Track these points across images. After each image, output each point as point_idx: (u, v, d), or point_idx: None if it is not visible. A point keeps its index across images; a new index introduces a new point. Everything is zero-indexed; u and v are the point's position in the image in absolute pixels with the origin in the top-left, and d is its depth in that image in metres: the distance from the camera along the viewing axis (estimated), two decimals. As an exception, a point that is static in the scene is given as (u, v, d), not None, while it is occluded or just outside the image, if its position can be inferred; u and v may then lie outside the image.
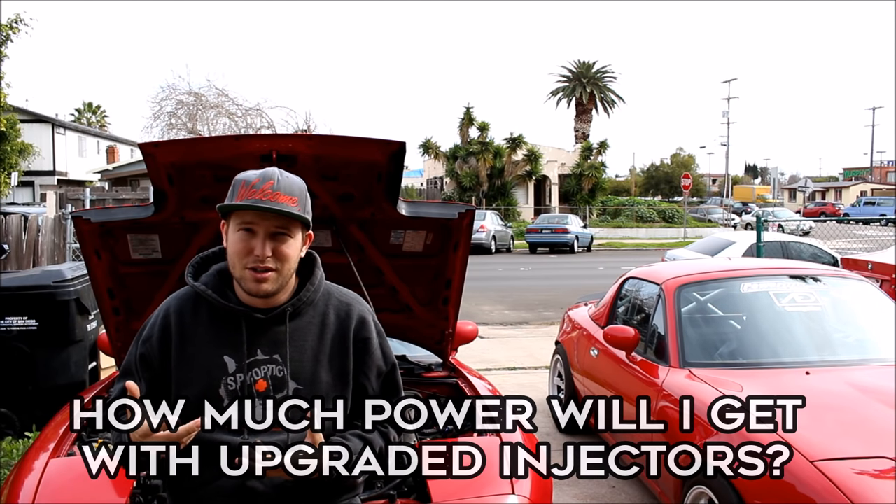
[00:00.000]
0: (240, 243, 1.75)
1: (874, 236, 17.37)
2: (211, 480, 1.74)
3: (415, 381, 3.61)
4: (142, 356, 1.83)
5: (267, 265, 1.74)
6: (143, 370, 1.82)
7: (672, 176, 66.85)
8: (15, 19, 18.02)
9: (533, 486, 2.52)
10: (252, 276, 1.74)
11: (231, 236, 1.77)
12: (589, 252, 27.11)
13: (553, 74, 46.82)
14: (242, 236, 1.74)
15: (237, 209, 1.74)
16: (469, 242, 3.08)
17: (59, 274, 4.94)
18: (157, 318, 1.85)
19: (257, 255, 1.73)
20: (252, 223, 1.74)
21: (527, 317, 11.59)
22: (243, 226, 1.75)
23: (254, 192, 1.73)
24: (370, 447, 1.82)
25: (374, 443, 1.83)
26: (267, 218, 1.74)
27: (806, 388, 3.37)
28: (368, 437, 1.84)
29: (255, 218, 1.74)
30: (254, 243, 1.74)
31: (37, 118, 34.82)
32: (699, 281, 4.38)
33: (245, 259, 1.74)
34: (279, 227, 1.75)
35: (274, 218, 1.74)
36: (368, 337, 1.90)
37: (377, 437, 1.85)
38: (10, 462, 4.01)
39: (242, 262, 1.74)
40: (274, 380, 1.80)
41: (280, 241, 1.75)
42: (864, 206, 46.33)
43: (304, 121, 23.95)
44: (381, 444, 1.85)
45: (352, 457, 1.74)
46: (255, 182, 1.74)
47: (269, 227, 1.74)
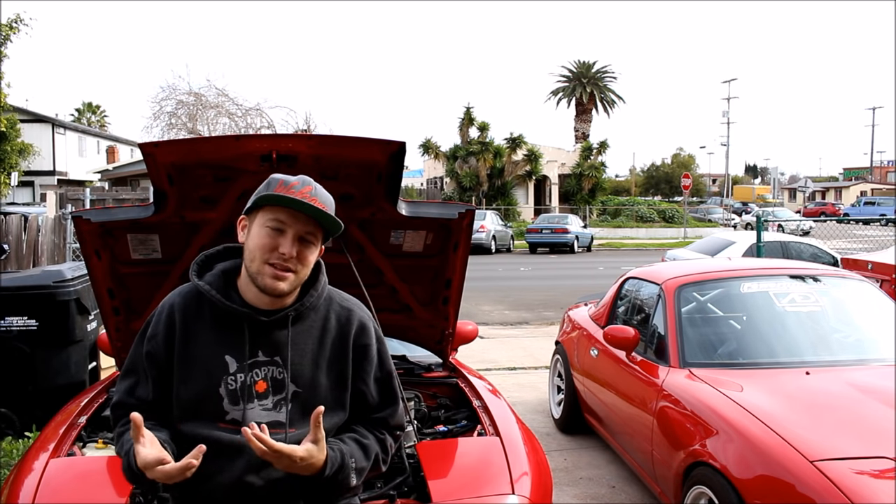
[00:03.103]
0: (266, 238, 1.74)
1: (874, 236, 17.37)
2: (210, 477, 1.75)
3: (415, 381, 3.61)
4: (148, 353, 1.83)
5: (288, 265, 1.74)
6: (150, 367, 1.82)
7: (672, 176, 66.83)
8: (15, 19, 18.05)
9: (533, 486, 2.52)
10: (272, 273, 1.74)
11: (256, 230, 1.76)
12: (589, 252, 27.12)
13: (553, 74, 46.97)
14: (270, 233, 1.74)
15: (280, 203, 1.74)
16: (469, 242, 3.08)
17: (59, 274, 4.94)
18: (162, 315, 1.84)
19: (283, 252, 1.73)
20: (284, 222, 1.74)
21: (527, 317, 11.59)
22: (273, 223, 1.75)
23: (293, 192, 1.74)
24: (364, 452, 1.86)
25: (369, 449, 1.87)
26: (299, 221, 1.74)
27: (806, 388, 3.37)
28: (365, 441, 1.88)
29: (287, 218, 1.74)
30: (281, 241, 1.74)
31: (37, 118, 34.83)
32: (699, 281, 4.38)
33: (268, 254, 1.74)
34: (308, 232, 1.76)
35: (305, 222, 1.75)
36: (368, 343, 1.91)
37: (374, 442, 1.90)
38: (10, 462, 4.01)
39: (265, 256, 1.74)
40: (274, 381, 1.80)
41: (305, 246, 1.77)
42: (864, 206, 46.35)
43: (304, 121, 23.97)
44: (377, 451, 1.90)
45: (345, 460, 1.78)
46: (294, 184, 1.76)
47: (300, 230, 1.75)
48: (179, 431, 1.80)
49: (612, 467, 4.67)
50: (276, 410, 1.80)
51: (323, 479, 1.75)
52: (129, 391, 1.85)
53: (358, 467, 1.83)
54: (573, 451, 5.02)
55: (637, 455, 3.98)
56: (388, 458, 1.95)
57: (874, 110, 76.96)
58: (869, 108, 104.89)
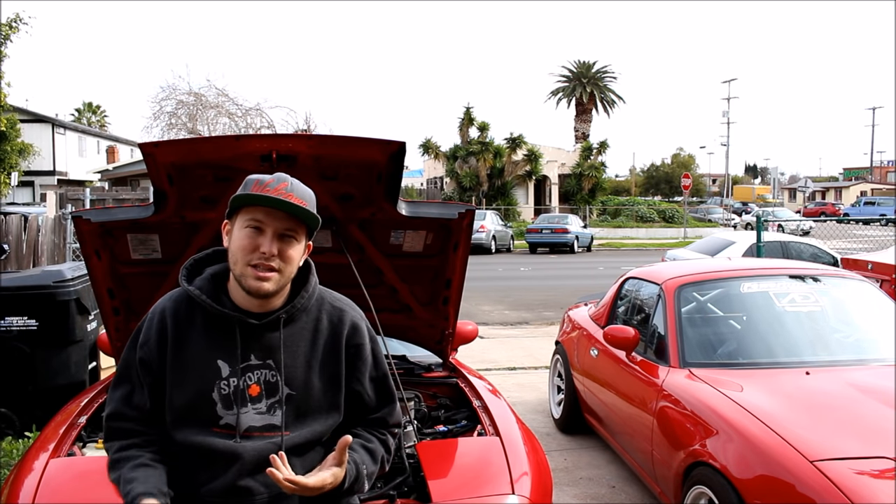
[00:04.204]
0: (246, 239, 1.73)
1: (874, 236, 17.37)
2: (205, 483, 1.75)
3: (415, 381, 3.61)
4: (142, 361, 1.81)
5: (271, 264, 1.73)
6: (145, 374, 1.81)
7: (672, 176, 66.82)
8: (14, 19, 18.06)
9: (533, 486, 2.51)
10: (254, 274, 1.72)
11: (237, 233, 1.75)
12: (589, 252, 27.11)
13: (553, 74, 46.95)
14: (249, 233, 1.73)
15: (254, 202, 1.73)
16: (469, 242, 3.08)
17: (59, 274, 4.94)
18: (153, 322, 1.83)
19: (263, 251, 1.71)
20: (261, 221, 1.73)
21: (527, 317, 11.59)
22: (252, 223, 1.73)
23: (268, 190, 1.73)
24: (372, 456, 1.88)
25: (375, 452, 1.89)
26: (277, 218, 1.73)
27: (806, 388, 3.37)
28: (370, 446, 1.89)
29: (265, 217, 1.73)
30: (261, 240, 1.72)
31: (37, 118, 34.83)
32: (699, 281, 4.38)
33: (249, 255, 1.72)
34: (288, 228, 1.75)
35: (283, 219, 1.74)
36: (361, 343, 1.90)
37: (378, 444, 1.92)
38: (10, 462, 4.01)
39: (246, 258, 1.73)
40: (267, 385, 1.79)
41: (286, 243, 1.75)
42: (864, 206, 46.35)
43: (304, 121, 23.96)
44: (382, 453, 1.92)
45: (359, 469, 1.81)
46: (269, 182, 1.75)
47: (279, 227, 1.74)
48: (172, 438, 1.79)
49: (612, 467, 4.67)
50: (271, 414, 1.79)
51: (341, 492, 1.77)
52: (125, 400, 1.83)
53: (368, 472, 1.85)
54: (573, 451, 5.02)
55: (637, 455, 3.98)
56: (390, 457, 1.96)
57: (874, 110, 77.07)
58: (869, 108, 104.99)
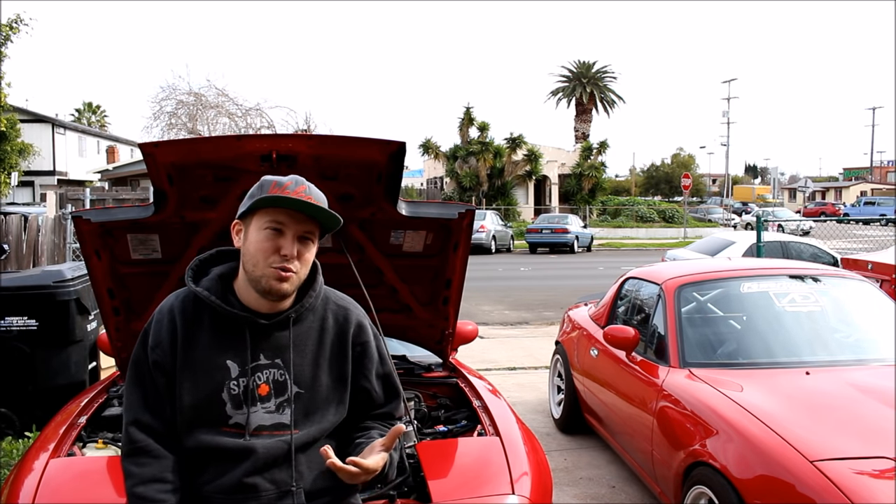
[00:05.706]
0: (267, 241, 1.73)
1: (874, 236, 17.37)
2: (213, 481, 1.76)
3: (415, 381, 3.61)
4: (156, 363, 1.80)
5: (291, 266, 1.74)
6: (159, 376, 1.80)
7: (672, 176, 66.80)
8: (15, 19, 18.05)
9: (533, 486, 2.51)
10: (276, 275, 1.73)
11: (255, 234, 1.75)
12: (589, 252, 27.12)
13: (553, 74, 46.99)
14: (270, 235, 1.73)
15: (279, 203, 1.72)
16: (469, 242, 3.08)
17: (59, 274, 4.93)
18: (163, 322, 1.82)
19: (285, 254, 1.72)
20: (283, 223, 1.73)
21: (527, 317, 11.59)
22: (273, 224, 1.73)
23: (287, 192, 1.73)
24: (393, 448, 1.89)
25: None
26: (298, 221, 1.74)
27: (806, 388, 3.37)
28: None
29: (287, 219, 1.73)
30: (282, 242, 1.73)
31: (37, 118, 34.83)
32: (699, 281, 4.38)
33: (271, 258, 1.73)
34: (307, 231, 1.76)
35: (304, 221, 1.75)
36: (367, 341, 1.93)
37: None
38: (10, 462, 4.01)
39: (268, 260, 1.73)
40: (276, 384, 1.80)
41: (304, 245, 1.77)
42: (864, 206, 46.36)
43: (304, 121, 23.98)
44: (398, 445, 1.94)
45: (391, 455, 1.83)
46: (287, 184, 1.75)
47: (299, 229, 1.75)
48: (181, 438, 1.79)
49: (612, 467, 4.67)
50: (280, 412, 1.80)
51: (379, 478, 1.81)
52: (143, 405, 1.80)
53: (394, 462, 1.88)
54: (573, 451, 5.02)
55: (637, 455, 3.98)
56: (398, 453, 1.98)
57: (874, 110, 77.15)
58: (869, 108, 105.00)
